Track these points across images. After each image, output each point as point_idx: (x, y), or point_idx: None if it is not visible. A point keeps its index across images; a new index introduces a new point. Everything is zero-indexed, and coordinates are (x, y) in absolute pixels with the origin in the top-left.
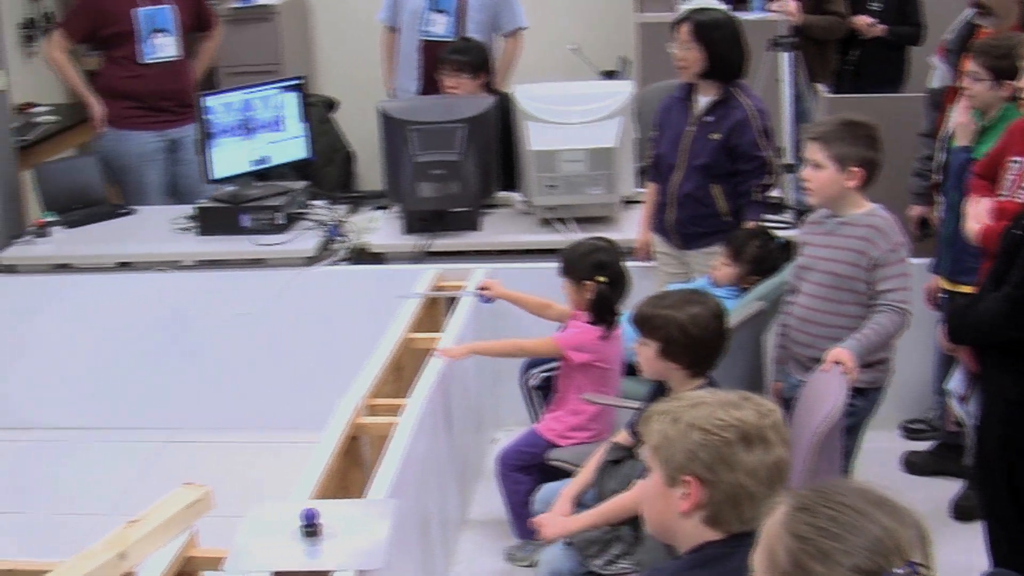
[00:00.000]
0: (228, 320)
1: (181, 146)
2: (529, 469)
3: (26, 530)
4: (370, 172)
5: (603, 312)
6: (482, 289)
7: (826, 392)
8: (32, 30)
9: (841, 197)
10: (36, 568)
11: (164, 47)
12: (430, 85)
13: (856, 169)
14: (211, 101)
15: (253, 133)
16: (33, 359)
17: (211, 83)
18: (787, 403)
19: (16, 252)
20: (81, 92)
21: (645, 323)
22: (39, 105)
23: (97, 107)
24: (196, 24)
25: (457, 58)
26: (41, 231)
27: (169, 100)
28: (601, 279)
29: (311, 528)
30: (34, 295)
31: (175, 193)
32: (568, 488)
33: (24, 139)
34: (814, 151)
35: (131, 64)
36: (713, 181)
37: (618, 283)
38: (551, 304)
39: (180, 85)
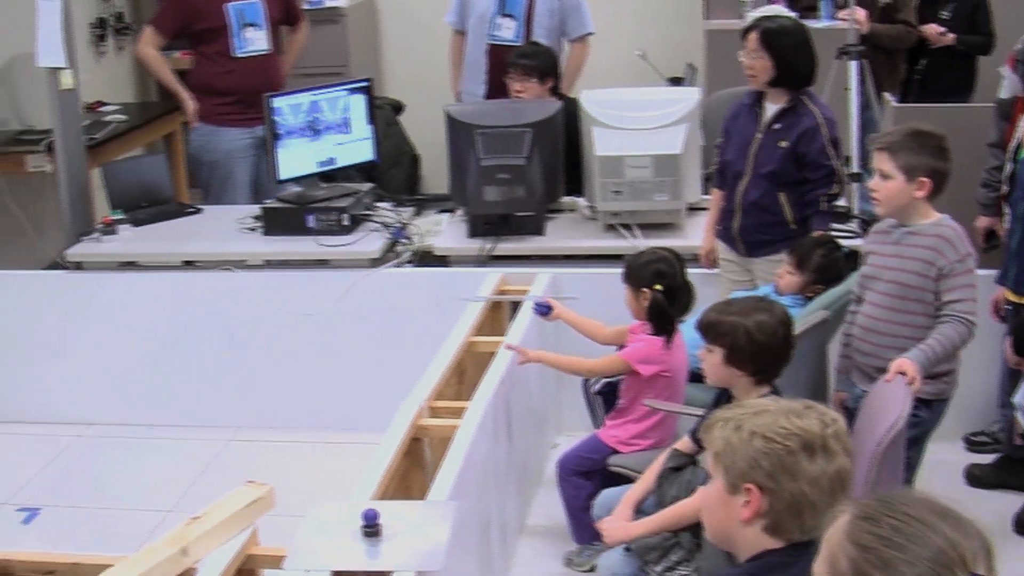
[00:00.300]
0: (292, 320)
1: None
2: (589, 474)
3: (90, 525)
4: (435, 175)
5: (660, 321)
6: (544, 305)
7: (890, 402)
8: (103, 30)
9: (909, 207)
10: (99, 562)
11: (255, 41)
12: (496, 89)
13: (924, 179)
14: (278, 102)
15: (320, 134)
16: (98, 356)
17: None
18: (850, 413)
19: (83, 249)
20: (174, 88)
21: (711, 329)
22: (108, 104)
23: (190, 103)
24: (284, 18)
25: (525, 62)
26: (108, 229)
27: (260, 94)
28: (658, 287)
29: (372, 528)
30: (100, 292)
31: (258, 191)
32: (629, 494)
33: (93, 137)
34: (882, 161)
35: (223, 59)
36: (780, 189)
37: (677, 293)
38: (603, 327)
39: (270, 80)
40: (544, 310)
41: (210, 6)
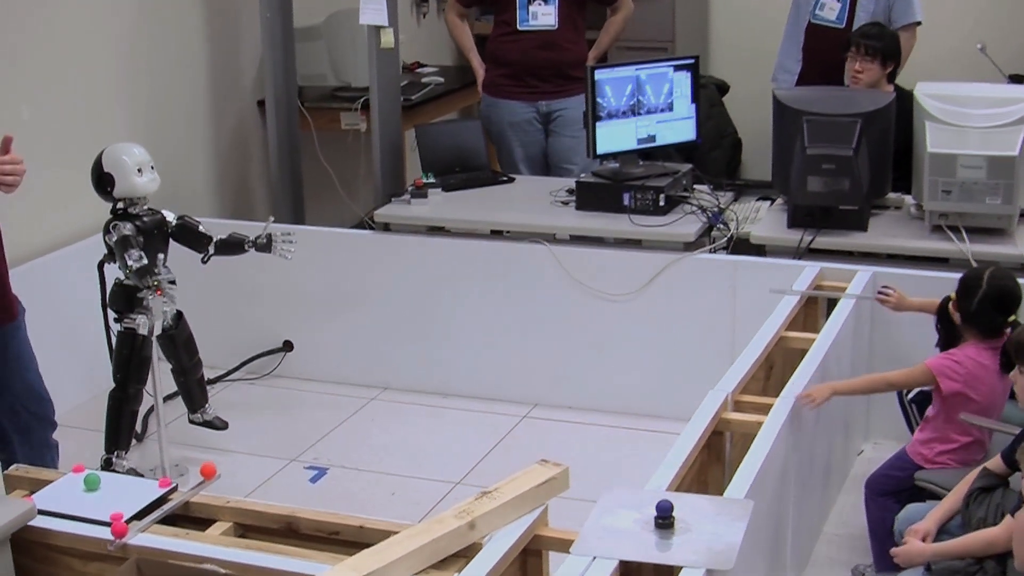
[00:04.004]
0: (599, 299)
1: (554, 119)
2: (898, 494)
3: (376, 489)
4: (757, 160)
5: (945, 330)
6: (884, 292)
7: None
8: None
9: None
10: (385, 528)
11: (540, 16)
12: (811, 69)
13: None
14: (601, 75)
15: (641, 111)
16: (398, 319)
17: (603, 56)
18: None
19: (392, 210)
20: (468, 56)
21: (1021, 350)
22: (426, 66)
23: (480, 72)
24: None
25: (870, 43)
26: (419, 192)
27: (543, 70)
28: (952, 296)
29: (665, 520)
30: (406, 255)
31: (546, 165)
32: (934, 511)
33: (409, 98)
34: None
35: (509, 31)
36: None
37: (969, 305)
38: None
39: (556, 56)
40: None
41: None
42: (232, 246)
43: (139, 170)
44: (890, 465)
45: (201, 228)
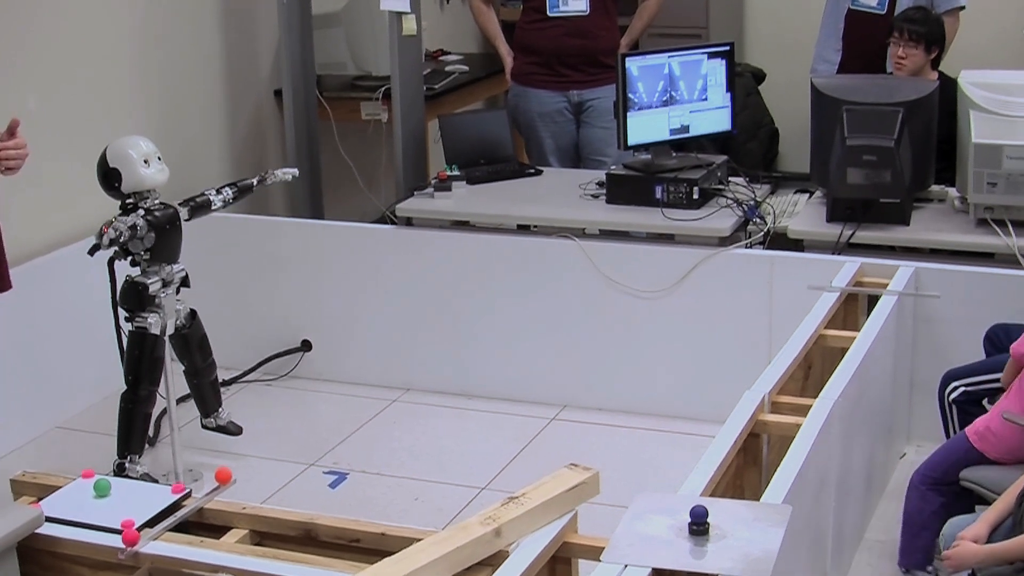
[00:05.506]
0: (629, 296)
1: (586, 109)
2: (945, 486)
3: (398, 495)
4: (794, 152)
5: None
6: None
7: None
8: None
9: None
10: (408, 535)
11: (572, 2)
12: (852, 58)
13: None
14: (632, 63)
15: (674, 100)
16: (421, 318)
17: (635, 43)
18: None
19: (414, 204)
20: (495, 44)
21: None
22: (450, 53)
23: (508, 60)
24: None
25: (913, 28)
26: (442, 185)
27: (574, 58)
28: None
29: (699, 526)
30: (429, 251)
31: (577, 157)
32: (985, 514)
33: (432, 87)
34: None
35: (539, 17)
36: None
37: None
38: None
39: (588, 44)
40: None
41: None
42: (242, 192)
43: (146, 161)
44: (946, 448)
45: (215, 207)
